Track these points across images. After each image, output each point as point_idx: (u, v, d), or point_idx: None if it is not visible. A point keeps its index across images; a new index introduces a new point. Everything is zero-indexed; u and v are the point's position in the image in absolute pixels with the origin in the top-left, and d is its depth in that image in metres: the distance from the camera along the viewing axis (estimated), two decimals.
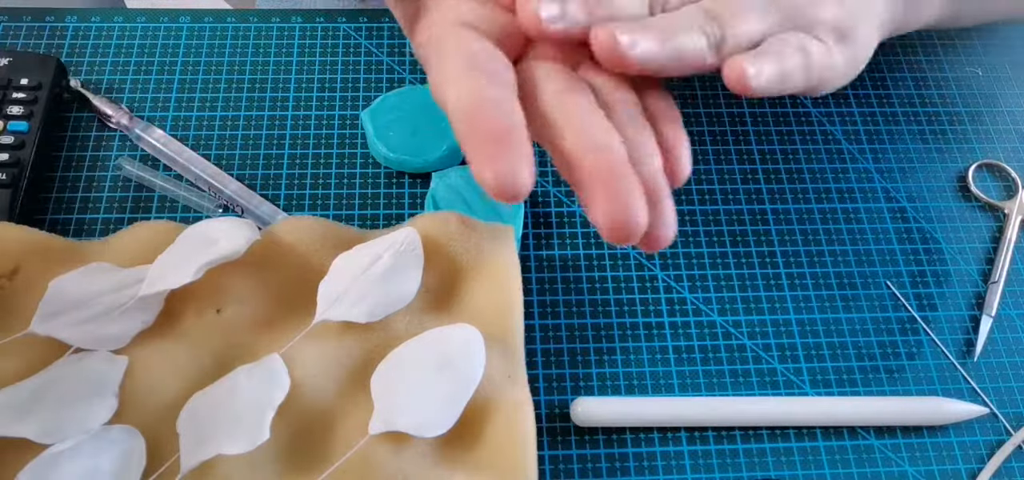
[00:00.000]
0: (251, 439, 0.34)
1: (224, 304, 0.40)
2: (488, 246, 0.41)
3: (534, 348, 0.41)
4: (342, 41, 0.51)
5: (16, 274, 0.39)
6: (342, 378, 0.38)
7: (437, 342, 0.38)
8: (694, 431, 0.40)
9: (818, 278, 0.44)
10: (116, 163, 0.46)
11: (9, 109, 0.44)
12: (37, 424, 0.34)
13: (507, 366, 0.38)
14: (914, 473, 0.39)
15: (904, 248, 0.46)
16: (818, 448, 0.40)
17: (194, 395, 0.37)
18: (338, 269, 0.40)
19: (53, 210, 0.44)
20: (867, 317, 0.43)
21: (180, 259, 0.39)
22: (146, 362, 0.37)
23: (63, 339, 0.37)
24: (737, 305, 0.43)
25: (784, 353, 0.42)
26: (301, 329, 0.39)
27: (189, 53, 0.50)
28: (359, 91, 0.49)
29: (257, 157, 0.46)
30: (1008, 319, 0.44)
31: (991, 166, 0.49)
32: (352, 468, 0.35)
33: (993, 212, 0.47)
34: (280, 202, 0.45)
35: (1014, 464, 0.40)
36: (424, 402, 0.36)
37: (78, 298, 0.38)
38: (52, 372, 0.36)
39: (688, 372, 0.41)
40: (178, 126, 0.47)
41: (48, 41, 0.50)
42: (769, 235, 0.46)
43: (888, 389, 0.41)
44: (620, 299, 0.43)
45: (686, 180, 0.34)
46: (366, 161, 0.47)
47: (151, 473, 0.35)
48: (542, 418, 0.39)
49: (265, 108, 0.48)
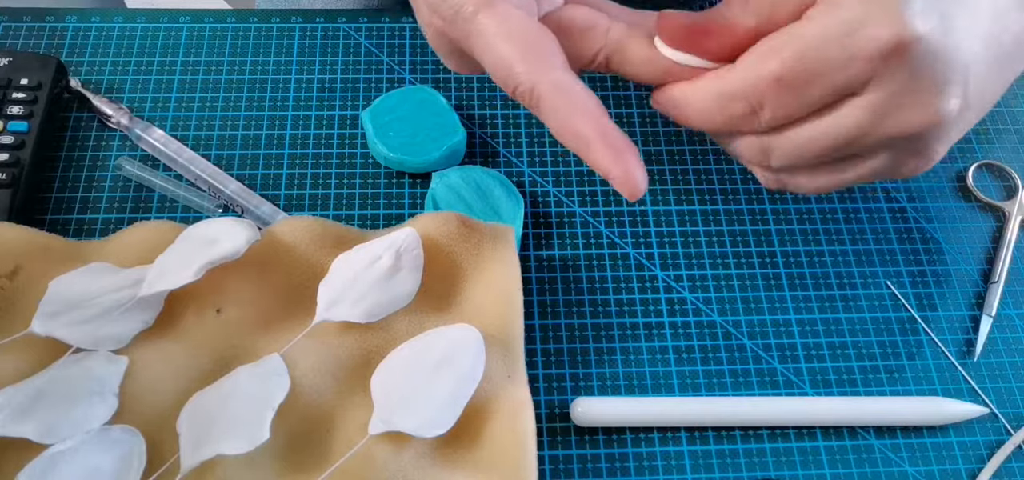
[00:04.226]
0: (251, 439, 0.34)
1: (224, 304, 0.40)
2: (488, 246, 0.41)
3: (534, 348, 0.41)
4: (342, 41, 0.51)
5: (16, 274, 0.39)
6: (342, 378, 0.38)
7: (437, 342, 0.38)
8: (694, 431, 0.40)
9: (818, 278, 0.44)
10: (116, 163, 0.45)
11: (9, 109, 0.44)
12: (37, 424, 0.34)
13: (507, 366, 0.38)
14: (914, 473, 0.39)
15: (904, 248, 0.46)
16: (818, 448, 0.40)
17: (194, 395, 0.37)
18: (338, 269, 0.40)
19: (53, 210, 0.44)
20: (867, 317, 0.43)
21: (180, 259, 0.39)
22: (146, 362, 0.37)
23: (63, 339, 0.37)
24: (737, 305, 0.43)
25: (784, 353, 0.42)
26: (301, 329, 0.39)
27: (189, 53, 0.50)
28: (359, 91, 0.49)
29: (257, 157, 0.46)
30: (1008, 319, 0.44)
31: (991, 166, 0.49)
32: (352, 468, 0.35)
33: (993, 212, 0.47)
34: (280, 202, 0.45)
35: (1014, 464, 0.40)
36: (424, 402, 0.36)
37: (78, 298, 0.38)
38: (52, 372, 0.36)
39: (688, 372, 0.41)
40: (178, 126, 0.47)
41: (48, 41, 0.50)
42: (769, 235, 0.46)
43: (888, 389, 0.41)
44: (620, 299, 0.43)
45: None
46: (366, 161, 0.47)
47: (151, 473, 0.35)
48: (542, 418, 0.39)
49: (265, 108, 0.48)
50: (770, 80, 0.31)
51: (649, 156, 0.48)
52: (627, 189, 0.31)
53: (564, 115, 0.31)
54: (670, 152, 0.48)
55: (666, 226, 0.45)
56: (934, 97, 0.31)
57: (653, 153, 0.48)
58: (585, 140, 0.31)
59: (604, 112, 0.31)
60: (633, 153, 0.31)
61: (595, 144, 0.31)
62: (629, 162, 0.31)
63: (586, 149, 0.31)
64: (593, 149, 0.31)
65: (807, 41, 0.30)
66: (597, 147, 0.31)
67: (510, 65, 0.32)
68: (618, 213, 0.46)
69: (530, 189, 0.46)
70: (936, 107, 0.31)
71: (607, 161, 0.31)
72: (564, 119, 0.31)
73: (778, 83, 0.31)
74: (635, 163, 0.31)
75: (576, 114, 0.31)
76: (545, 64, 0.32)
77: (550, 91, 0.31)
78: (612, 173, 0.31)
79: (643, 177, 0.31)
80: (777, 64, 0.31)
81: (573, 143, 0.32)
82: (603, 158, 0.31)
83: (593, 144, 0.31)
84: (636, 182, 0.31)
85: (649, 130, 0.49)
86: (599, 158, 0.31)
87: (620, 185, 0.31)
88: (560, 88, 0.31)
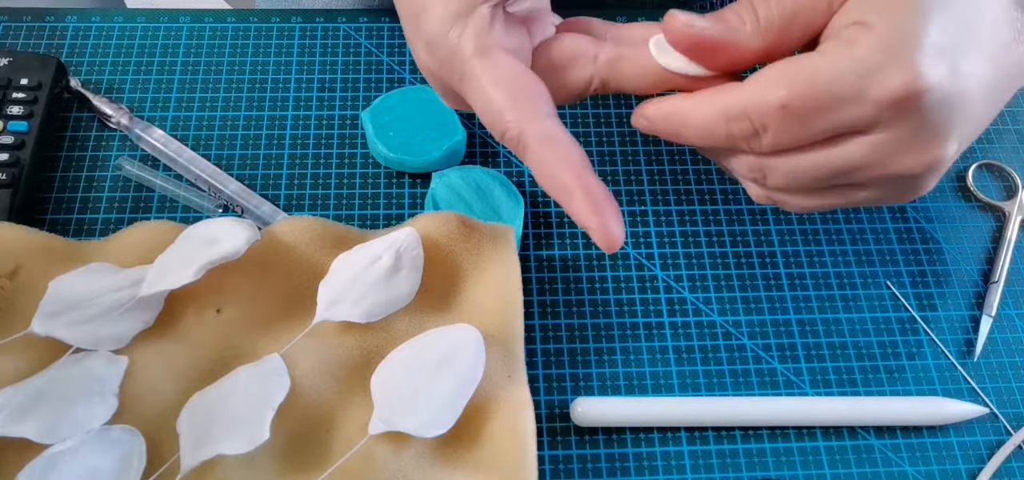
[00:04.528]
0: (251, 439, 0.34)
1: (224, 304, 0.40)
2: (488, 246, 0.41)
3: (534, 348, 0.41)
4: (342, 41, 0.51)
5: (16, 274, 0.39)
6: (342, 378, 0.38)
7: (437, 342, 0.38)
8: (694, 431, 0.40)
9: (818, 278, 0.44)
10: (116, 163, 0.45)
11: (9, 109, 0.44)
12: (37, 424, 0.34)
13: (507, 366, 0.38)
14: (914, 473, 0.39)
15: (904, 248, 0.46)
16: (818, 448, 0.40)
17: (194, 395, 0.37)
18: (338, 269, 0.40)
19: (53, 210, 0.44)
20: (867, 317, 0.43)
21: (180, 259, 0.39)
22: (146, 362, 0.37)
23: (63, 339, 0.37)
24: (737, 305, 0.43)
25: (784, 353, 0.42)
26: (301, 329, 0.39)
27: (189, 53, 0.50)
28: (359, 91, 0.49)
29: (257, 157, 0.46)
30: (1008, 319, 0.44)
31: (991, 166, 0.49)
32: (352, 468, 0.35)
33: (993, 212, 0.47)
34: (280, 202, 0.45)
35: (1014, 464, 0.40)
36: (424, 402, 0.36)
37: (78, 298, 0.38)
38: (52, 372, 0.36)
39: (688, 372, 0.41)
40: (178, 126, 0.47)
41: (48, 41, 0.50)
42: (769, 235, 0.46)
43: (888, 389, 0.41)
44: (620, 299, 0.43)
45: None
46: (366, 161, 0.47)
47: (151, 473, 0.35)
48: (542, 418, 0.39)
49: (265, 108, 0.48)
50: (777, 106, 0.31)
51: (649, 156, 0.48)
52: (604, 243, 0.32)
53: (549, 165, 0.32)
54: (670, 152, 0.48)
55: (666, 226, 0.45)
56: (937, 143, 0.31)
57: (653, 153, 0.48)
58: (567, 191, 0.32)
59: (587, 165, 0.32)
60: (613, 208, 0.32)
61: (576, 196, 0.32)
62: (607, 216, 0.32)
63: (567, 200, 0.32)
64: (574, 200, 0.32)
65: (819, 74, 0.31)
66: (577, 199, 0.32)
67: (500, 112, 0.32)
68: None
69: (530, 189, 0.46)
70: (938, 152, 0.32)
71: (585, 213, 0.32)
72: (549, 169, 0.32)
73: (784, 110, 0.31)
74: (613, 217, 0.32)
75: (560, 165, 0.32)
76: (533, 113, 0.32)
77: (536, 141, 0.32)
78: (590, 225, 0.32)
79: (620, 233, 0.32)
80: (786, 92, 0.31)
81: (555, 192, 0.32)
82: (582, 209, 0.32)
83: (574, 196, 0.32)
84: (613, 237, 0.32)
85: None
86: (578, 209, 0.32)
87: (598, 239, 0.32)
88: (546, 138, 0.32)
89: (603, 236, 0.32)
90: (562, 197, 0.32)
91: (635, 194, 0.46)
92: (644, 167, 0.47)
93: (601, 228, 0.32)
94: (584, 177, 0.32)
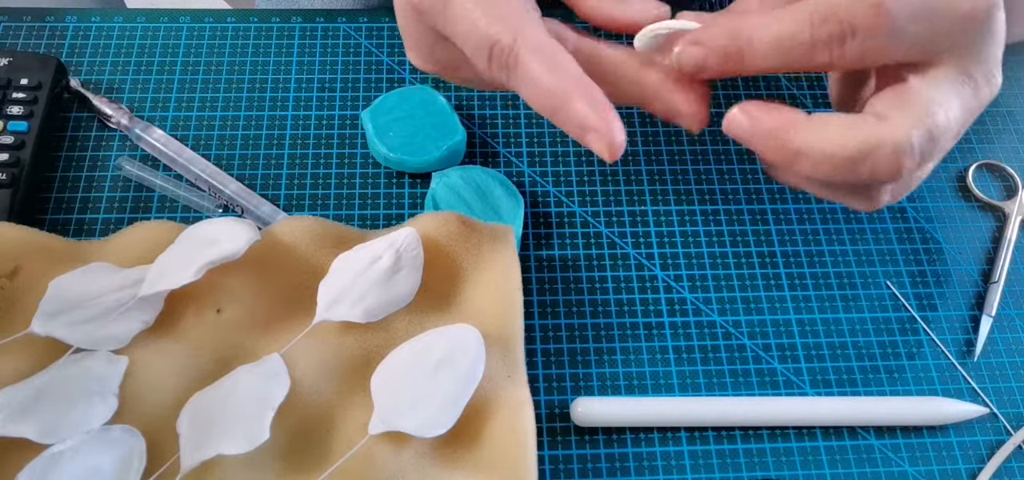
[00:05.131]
0: (251, 439, 0.34)
1: (224, 304, 0.40)
2: (488, 246, 0.41)
3: (534, 348, 0.41)
4: (342, 41, 0.51)
5: (16, 274, 0.39)
6: (342, 378, 0.38)
7: (437, 342, 0.38)
8: (694, 431, 0.40)
9: (818, 278, 0.44)
10: (116, 163, 0.46)
11: (9, 109, 0.44)
12: (37, 424, 0.34)
13: (507, 366, 0.38)
14: (914, 473, 0.39)
15: (904, 248, 0.46)
16: (818, 448, 0.40)
17: (194, 395, 0.37)
18: (338, 269, 0.40)
19: (53, 210, 0.44)
20: (867, 317, 0.43)
21: (180, 259, 0.39)
22: (146, 362, 0.37)
23: (63, 339, 0.37)
24: (737, 305, 0.43)
25: (784, 353, 0.42)
26: (301, 329, 0.39)
27: (189, 53, 0.50)
28: (359, 91, 0.49)
29: (257, 157, 0.46)
30: (1008, 319, 0.44)
31: (991, 166, 0.49)
32: (352, 468, 0.35)
33: (993, 212, 0.47)
34: (280, 202, 0.45)
35: (1014, 464, 0.40)
36: (424, 402, 0.36)
37: (78, 298, 0.38)
38: (52, 372, 0.36)
39: (688, 372, 0.41)
40: (178, 126, 0.47)
41: (48, 41, 0.50)
42: (769, 235, 0.46)
43: (888, 389, 0.41)
44: (620, 299, 0.43)
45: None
46: (366, 161, 0.47)
47: (151, 473, 0.35)
48: (542, 418, 0.39)
49: (265, 108, 0.48)
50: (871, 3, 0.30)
51: (649, 156, 0.48)
52: (607, 148, 0.30)
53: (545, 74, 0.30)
54: (670, 152, 0.48)
55: (666, 226, 0.45)
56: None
57: (653, 153, 0.48)
58: (567, 95, 0.30)
59: (583, 74, 0.31)
60: (614, 110, 0.30)
61: (576, 100, 0.30)
62: (610, 115, 0.30)
63: (566, 105, 0.30)
64: (573, 103, 0.30)
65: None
66: (578, 102, 0.30)
67: (488, 25, 0.31)
68: (618, 213, 0.46)
69: (530, 189, 0.46)
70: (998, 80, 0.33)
71: (585, 112, 0.30)
72: (545, 78, 0.30)
73: (878, 7, 0.30)
74: (615, 117, 0.30)
75: (558, 71, 0.30)
76: (524, 21, 0.31)
77: (529, 52, 0.30)
78: (592, 124, 0.29)
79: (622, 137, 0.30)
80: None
81: (551, 102, 0.30)
82: (583, 110, 0.30)
83: (574, 100, 0.30)
84: (617, 139, 0.30)
85: (649, 130, 0.49)
86: (578, 110, 0.30)
87: (601, 142, 0.30)
88: (539, 46, 0.30)
89: (606, 137, 0.30)
90: (560, 104, 0.30)
91: (635, 194, 0.46)
92: (644, 167, 0.47)
93: (606, 127, 0.30)
94: (584, 81, 0.30)
